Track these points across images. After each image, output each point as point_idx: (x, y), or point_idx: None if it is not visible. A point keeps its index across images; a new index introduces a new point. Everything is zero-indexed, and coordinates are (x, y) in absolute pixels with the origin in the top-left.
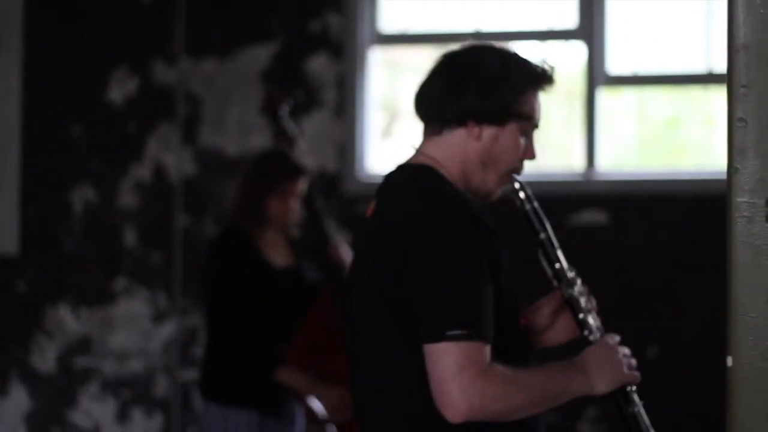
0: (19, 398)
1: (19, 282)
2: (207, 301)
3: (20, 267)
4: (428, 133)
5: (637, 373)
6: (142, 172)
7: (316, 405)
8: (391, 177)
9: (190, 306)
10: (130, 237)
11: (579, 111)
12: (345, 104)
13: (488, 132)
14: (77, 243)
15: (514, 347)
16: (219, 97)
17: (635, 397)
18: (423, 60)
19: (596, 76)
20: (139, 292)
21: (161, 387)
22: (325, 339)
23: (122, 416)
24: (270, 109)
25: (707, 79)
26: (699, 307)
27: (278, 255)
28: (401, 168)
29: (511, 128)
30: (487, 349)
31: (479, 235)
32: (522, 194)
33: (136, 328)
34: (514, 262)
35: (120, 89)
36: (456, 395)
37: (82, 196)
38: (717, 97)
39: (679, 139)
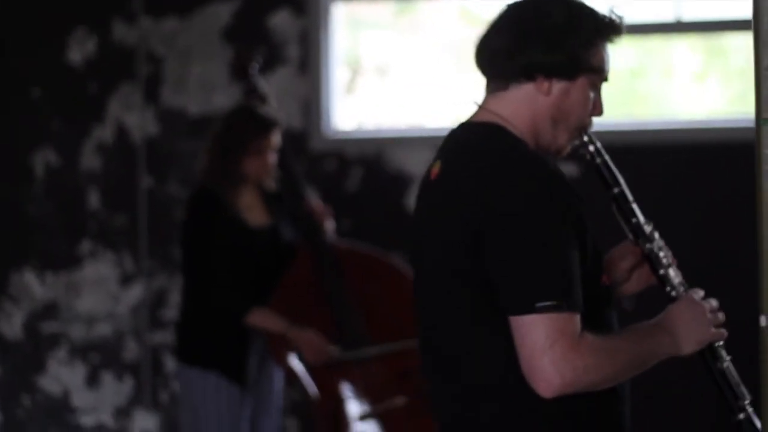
0: None
1: None
2: (183, 263)
3: None
4: (492, 88)
5: (723, 331)
6: (104, 133)
7: (295, 363)
8: (456, 136)
9: (157, 268)
10: (93, 199)
11: None
12: (309, 60)
13: (558, 86)
14: (40, 207)
15: (598, 308)
16: (180, 56)
17: (723, 352)
18: (384, 15)
19: None
20: (104, 255)
21: (131, 350)
22: (303, 299)
23: (92, 381)
24: (240, 67)
25: (674, 27)
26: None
27: (254, 214)
28: (466, 126)
29: (581, 82)
30: (578, 319)
31: (564, 198)
32: (592, 148)
33: (103, 292)
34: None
35: (79, 50)
36: (548, 370)
37: (44, 158)
38: (679, 47)
39: (640, 90)
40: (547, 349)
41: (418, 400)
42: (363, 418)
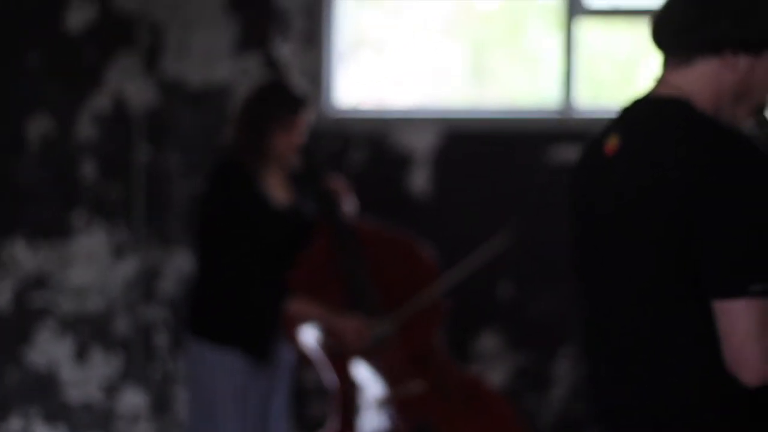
0: None
1: None
2: (203, 238)
3: None
4: (673, 62)
5: None
6: (102, 102)
7: (308, 342)
8: (636, 111)
9: (152, 241)
10: (88, 169)
11: (558, 43)
12: (315, 33)
13: (744, 62)
14: (33, 175)
15: None
16: (183, 25)
17: None
18: None
19: (574, 7)
20: (98, 227)
21: (121, 325)
22: (320, 277)
23: (81, 355)
24: (261, 39)
25: None
26: None
27: (279, 192)
28: (646, 101)
29: (766, 58)
30: None
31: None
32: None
33: (95, 264)
34: None
35: (79, 16)
36: (759, 359)
37: (39, 126)
38: None
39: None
40: (760, 338)
41: (435, 384)
42: (380, 401)
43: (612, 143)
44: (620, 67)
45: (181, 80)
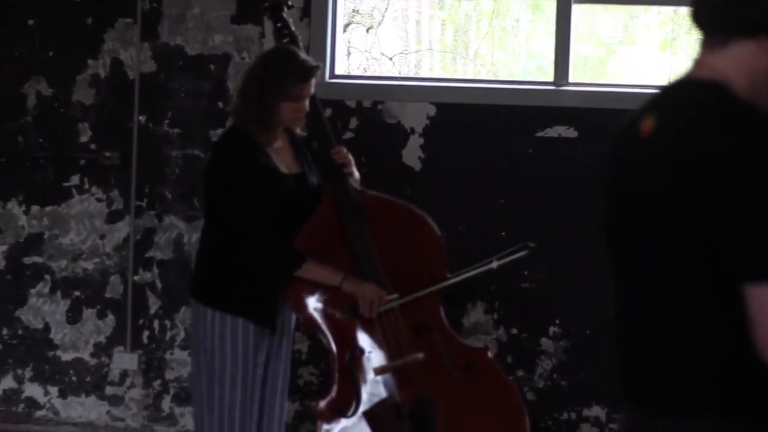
0: None
1: None
2: (209, 206)
3: None
4: (710, 44)
5: None
6: (100, 68)
7: (313, 308)
8: (672, 92)
9: (145, 206)
10: (84, 134)
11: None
12: (311, 5)
13: None
14: (30, 138)
15: None
16: None
17: None
18: None
19: None
20: (93, 191)
21: (114, 288)
22: (325, 245)
23: (73, 317)
24: (275, 7)
25: None
26: None
27: (284, 160)
28: (683, 83)
29: None
30: None
31: None
32: None
33: (89, 228)
34: None
35: None
36: None
37: (37, 90)
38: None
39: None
40: None
41: (436, 356)
42: (380, 371)
43: (648, 124)
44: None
45: (178, 48)
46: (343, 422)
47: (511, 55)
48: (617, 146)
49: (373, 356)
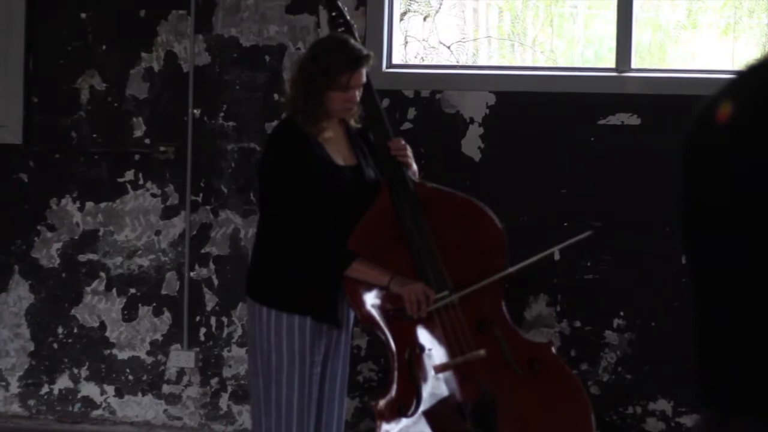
0: (20, 294)
1: (23, 173)
2: (263, 199)
3: (24, 158)
4: None
5: None
6: (153, 61)
7: (370, 305)
8: (750, 76)
9: (201, 201)
10: (139, 128)
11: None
12: None
13: None
14: (84, 134)
15: None
16: None
17: None
18: None
19: None
20: (148, 186)
21: (170, 285)
22: (383, 239)
23: (129, 315)
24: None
25: None
26: None
27: (340, 152)
28: (761, 65)
29: None
30: None
31: None
32: None
33: (144, 224)
34: None
35: None
36: None
37: (90, 85)
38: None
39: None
40: None
41: (498, 352)
42: (440, 369)
43: (724, 109)
44: (660, 31)
45: (233, 40)
46: (404, 422)
47: (569, 42)
48: (693, 134)
49: (434, 354)
